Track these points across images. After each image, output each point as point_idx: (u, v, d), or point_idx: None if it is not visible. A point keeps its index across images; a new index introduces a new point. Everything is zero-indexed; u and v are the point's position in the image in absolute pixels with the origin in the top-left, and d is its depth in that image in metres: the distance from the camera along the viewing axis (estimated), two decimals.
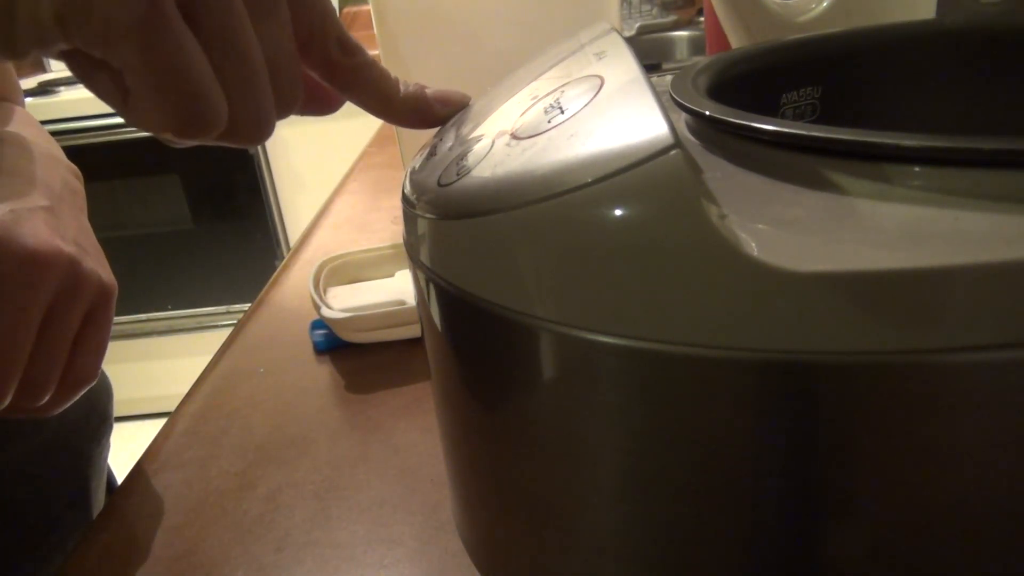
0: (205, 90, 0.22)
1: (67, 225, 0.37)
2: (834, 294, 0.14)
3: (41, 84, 1.99)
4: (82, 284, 0.35)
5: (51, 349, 0.34)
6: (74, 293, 0.34)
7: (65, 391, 0.35)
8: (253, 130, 0.25)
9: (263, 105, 0.24)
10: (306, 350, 0.51)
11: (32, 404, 0.34)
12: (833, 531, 0.17)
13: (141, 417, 2.13)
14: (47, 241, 0.33)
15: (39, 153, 0.41)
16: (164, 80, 0.22)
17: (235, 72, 0.23)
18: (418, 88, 0.29)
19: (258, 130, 0.25)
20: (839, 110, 0.29)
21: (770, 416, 0.16)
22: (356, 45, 0.27)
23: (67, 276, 0.34)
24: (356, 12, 2.25)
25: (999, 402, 0.15)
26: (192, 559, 0.34)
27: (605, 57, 0.22)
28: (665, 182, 0.16)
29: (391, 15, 0.51)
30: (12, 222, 0.33)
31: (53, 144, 0.44)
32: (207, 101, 0.23)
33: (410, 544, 0.33)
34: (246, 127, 0.24)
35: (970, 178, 0.16)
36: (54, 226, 0.35)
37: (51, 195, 0.37)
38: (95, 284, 0.36)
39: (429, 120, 0.29)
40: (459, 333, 0.22)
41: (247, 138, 0.25)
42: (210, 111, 0.23)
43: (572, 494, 0.20)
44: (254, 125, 0.25)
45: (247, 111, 0.24)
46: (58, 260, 0.33)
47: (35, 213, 0.35)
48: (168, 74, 0.22)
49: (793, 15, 0.48)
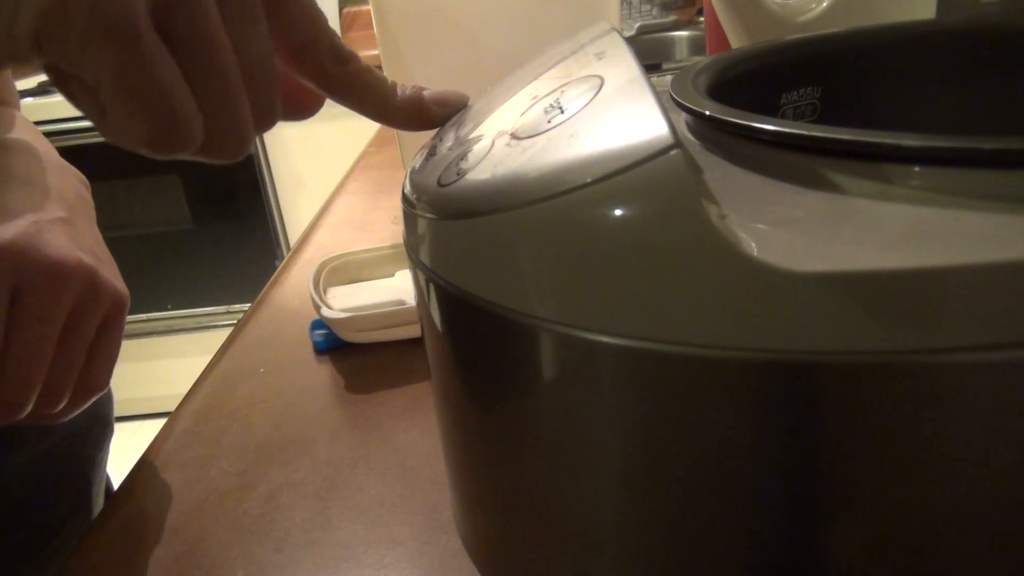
0: (179, 106, 0.22)
1: (83, 235, 0.37)
2: (834, 294, 0.14)
3: (40, 84, 1.98)
4: (100, 294, 0.35)
5: (69, 357, 0.34)
6: (92, 303, 0.35)
7: (78, 398, 0.36)
8: (230, 146, 0.25)
9: (239, 120, 0.24)
10: (306, 350, 0.51)
11: (48, 410, 0.35)
12: (833, 531, 0.17)
13: (141, 417, 2.13)
14: (69, 252, 0.34)
15: (49, 162, 0.41)
16: (137, 96, 0.22)
17: (210, 87, 0.23)
18: (415, 91, 0.29)
19: (235, 146, 0.25)
20: (839, 110, 0.29)
21: (770, 416, 0.16)
22: (349, 52, 0.27)
23: (86, 286, 0.35)
24: (356, 12, 2.25)
25: (999, 402, 0.15)
26: (192, 559, 0.34)
27: (605, 57, 0.22)
28: (665, 182, 0.16)
29: (391, 15, 0.51)
30: (35, 233, 0.34)
31: (53, 150, 0.45)
32: (181, 117, 0.22)
33: (410, 544, 0.33)
34: (223, 143, 0.24)
35: (970, 178, 0.16)
36: (72, 237, 0.36)
37: (66, 206, 0.38)
38: (111, 294, 0.36)
39: (427, 123, 0.29)
40: (459, 333, 0.22)
41: (224, 153, 0.25)
42: (185, 127, 0.23)
43: (572, 494, 0.20)
44: (231, 141, 0.24)
45: (223, 126, 0.24)
46: (79, 271, 0.34)
47: (55, 224, 0.35)
48: (142, 91, 0.22)
49: (793, 15, 0.48)
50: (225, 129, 0.24)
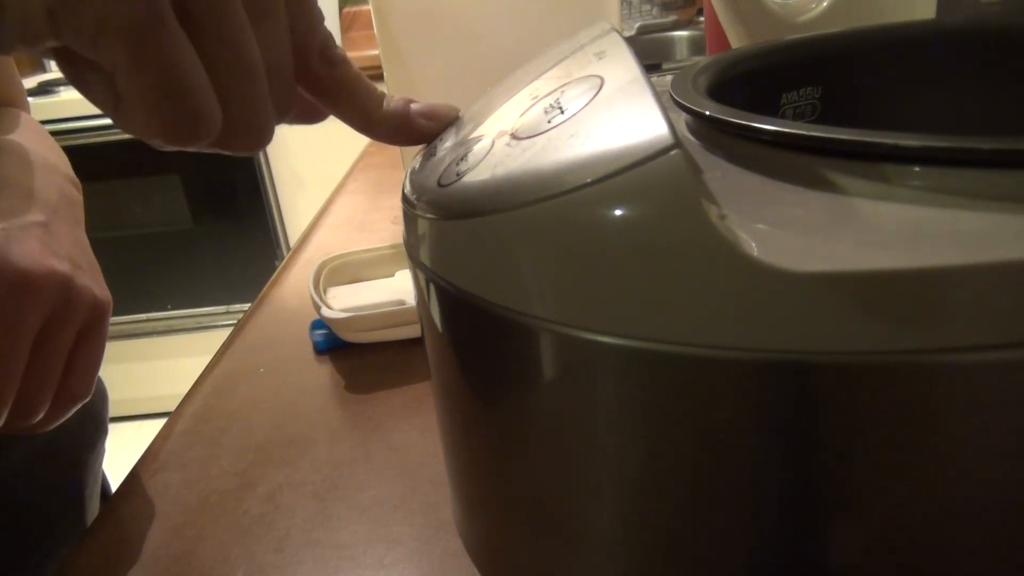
0: (199, 95, 0.21)
1: (61, 240, 0.36)
2: (834, 294, 0.14)
3: (41, 84, 1.99)
4: (75, 303, 0.34)
5: (44, 368, 0.33)
6: (67, 312, 0.34)
7: (59, 408, 0.35)
8: (250, 137, 0.24)
9: (261, 111, 0.23)
10: (306, 350, 0.51)
11: (25, 423, 0.34)
12: (833, 531, 0.17)
13: (140, 417, 2.13)
14: (39, 262, 0.33)
15: (38, 163, 0.40)
16: (156, 83, 0.21)
17: (232, 76, 0.22)
18: (402, 103, 0.28)
19: (256, 137, 0.24)
20: (839, 110, 0.29)
21: (770, 416, 0.16)
22: (340, 56, 0.27)
23: (60, 296, 0.34)
24: (356, 12, 2.25)
25: (999, 402, 0.15)
26: (192, 559, 0.34)
27: (605, 57, 0.22)
28: (665, 182, 0.16)
29: (391, 15, 0.51)
30: (3, 241, 0.33)
31: (55, 150, 0.44)
32: (200, 106, 0.21)
33: (410, 544, 0.33)
34: (242, 134, 0.23)
35: (970, 178, 0.16)
36: (47, 243, 0.35)
37: (47, 209, 0.37)
38: (88, 302, 0.35)
39: (412, 136, 0.28)
40: (459, 333, 0.22)
41: (243, 145, 0.24)
42: (203, 117, 0.22)
43: (572, 494, 0.20)
44: (251, 131, 0.24)
45: (243, 117, 0.23)
46: (50, 280, 0.33)
47: (28, 231, 0.34)
48: (160, 77, 0.21)
49: (793, 15, 0.48)
50: (246, 119, 0.23)
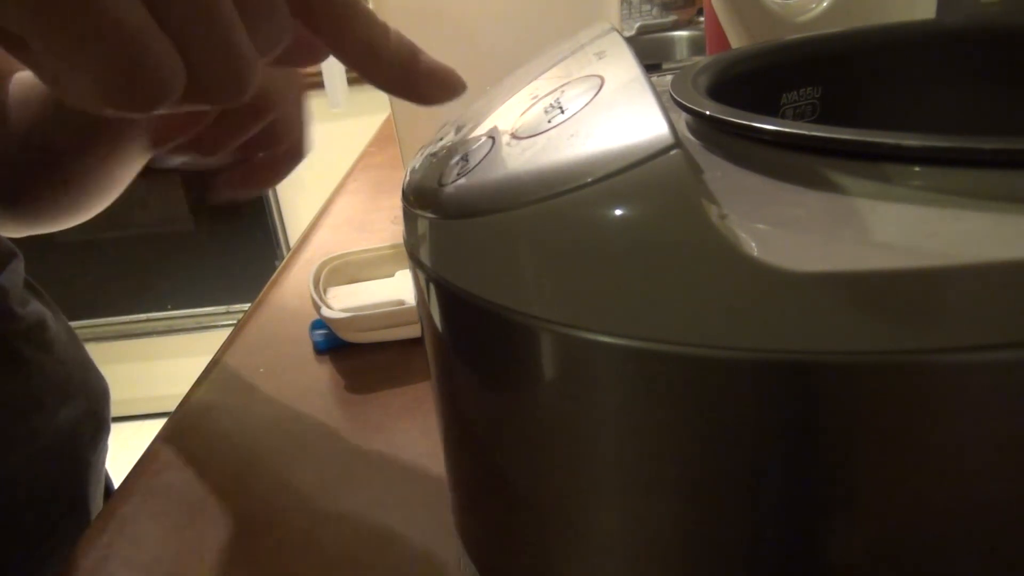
0: (141, 42, 0.16)
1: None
2: (834, 294, 0.14)
3: None
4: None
5: None
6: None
7: None
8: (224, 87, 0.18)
9: (233, 52, 0.18)
10: (306, 350, 0.51)
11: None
12: (833, 531, 0.17)
13: (140, 417, 2.13)
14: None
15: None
16: (78, 39, 0.16)
17: (186, 10, 0.17)
18: (410, 46, 0.23)
19: (233, 86, 0.19)
20: (839, 110, 0.29)
21: (770, 416, 0.16)
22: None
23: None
24: None
25: (1000, 402, 0.15)
26: (192, 559, 0.34)
27: (605, 57, 0.22)
28: (665, 182, 0.16)
29: (391, 15, 0.51)
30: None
31: None
32: (148, 57, 0.16)
33: (410, 544, 0.33)
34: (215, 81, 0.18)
35: (970, 178, 0.16)
36: None
37: None
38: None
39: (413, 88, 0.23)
40: (459, 333, 0.22)
41: (218, 98, 0.19)
42: (155, 71, 0.16)
43: (572, 494, 0.20)
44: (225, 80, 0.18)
45: (210, 63, 0.18)
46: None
47: None
48: (81, 29, 0.15)
49: (793, 15, 0.48)
50: (215, 62, 0.18)
